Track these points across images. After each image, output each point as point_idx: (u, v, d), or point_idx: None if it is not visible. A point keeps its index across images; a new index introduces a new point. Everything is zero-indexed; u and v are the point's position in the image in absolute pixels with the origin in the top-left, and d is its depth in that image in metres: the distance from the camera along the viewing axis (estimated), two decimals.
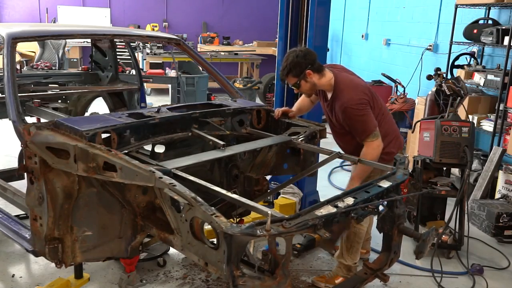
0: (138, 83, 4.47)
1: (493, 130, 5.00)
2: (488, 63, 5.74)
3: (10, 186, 2.96)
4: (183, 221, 1.90)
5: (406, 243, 3.17)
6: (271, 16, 11.28)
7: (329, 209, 1.97)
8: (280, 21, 4.13)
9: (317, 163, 3.05)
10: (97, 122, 2.36)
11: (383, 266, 2.47)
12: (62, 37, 5.10)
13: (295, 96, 4.21)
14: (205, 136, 2.63)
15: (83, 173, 2.14)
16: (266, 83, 9.13)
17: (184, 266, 3.35)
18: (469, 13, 5.86)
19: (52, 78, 4.62)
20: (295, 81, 2.91)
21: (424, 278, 3.38)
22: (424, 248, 2.27)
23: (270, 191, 3.31)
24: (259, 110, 3.08)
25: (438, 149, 3.67)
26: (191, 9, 11.96)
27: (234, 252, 1.75)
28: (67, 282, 2.89)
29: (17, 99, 2.51)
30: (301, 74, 2.88)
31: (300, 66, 2.87)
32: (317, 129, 2.99)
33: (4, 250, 3.47)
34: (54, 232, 2.29)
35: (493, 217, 4.08)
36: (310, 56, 2.92)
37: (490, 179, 4.67)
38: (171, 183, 1.92)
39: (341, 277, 3.09)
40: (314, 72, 2.90)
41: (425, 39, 7.04)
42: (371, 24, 8.71)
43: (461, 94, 3.94)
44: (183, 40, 3.93)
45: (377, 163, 2.74)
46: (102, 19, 11.32)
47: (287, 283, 1.88)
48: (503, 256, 3.79)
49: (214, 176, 2.90)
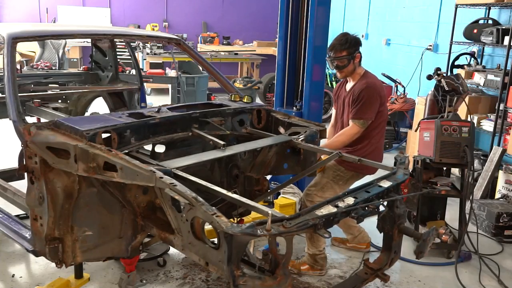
0: (138, 83, 4.47)
1: (493, 130, 5.00)
2: (488, 63, 5.74)
3: (10, 186, 2.96)
4: (183, 221, 1.90)
5: (406, 243, 3.17)
6: (271, 16, 11.29)
7: (330, 209, 1.97)
8: (280, 21, 4.13)
9: (317, 163, 3.05)
10: (97, 122, 2.35)
11: (383, 266, 2.47)
12: (62, 37, 5.10)
13: (295, 96, 4.22)
14: (205, 136, 2.63)
15: (83, 173, 2.14)
16: (266, 83, 9.13)
17: (184, 266, 3.35)
18: (469, 13, 5.86)
19: (52, 78, 4.62)
20: (346, 57, 3.21)
21: None
22: (425, 248, 2.27)
23: (270, 191, 3.31)
24: (259, 110, 3.08)
25: (438, 149, 3.67)
26: (191, 9, 11.96)
27: (235, 251, 1.75)
28: (67, 282, 2.89)
29: (17, 99, 2.51)
30: (354, 53, 3.23)
31: (355, 47, 3.24)
32: (317, 129, 3.00)
33: (4, 250, 3.47)
34: (55, 232, 2.29)
35: (493, 217, 4.08)
36: (360, 42, 3.31)
37: (490, 179, 4.67)
38: (171, 183, 1.92)
39: (307, 265, 3.34)
40: (359, 59, 3.29)
41: (425, 39, 7.04)
42: (371, 24, 8.72)
43: (459, 90, 3.92)
44: (183, 40, 3.93)
45: (377, 163, 2.75)
46: (102, 19, 11.32)
47: (288, 283, 1.88)
48: None
49: (214, 176, 2.90)
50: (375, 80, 3.32)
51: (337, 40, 3.24)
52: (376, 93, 3.21)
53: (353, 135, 3.21)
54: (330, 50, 3.28)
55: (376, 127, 3.28)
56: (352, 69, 3.27)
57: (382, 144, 3.43)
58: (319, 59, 3.98)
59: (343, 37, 3.23)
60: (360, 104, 3.18)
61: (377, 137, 3.33)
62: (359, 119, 3.18)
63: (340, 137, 3.24)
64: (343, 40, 3.22)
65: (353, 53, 3.22)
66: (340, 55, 3.22)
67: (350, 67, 3.26)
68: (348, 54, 3.21)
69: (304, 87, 4.03)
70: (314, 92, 4.02)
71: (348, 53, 3.21)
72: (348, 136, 3.21)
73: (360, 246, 3.68)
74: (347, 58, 3.22)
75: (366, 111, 3.18)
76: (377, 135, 3.32)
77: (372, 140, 3.29)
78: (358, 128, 3.19)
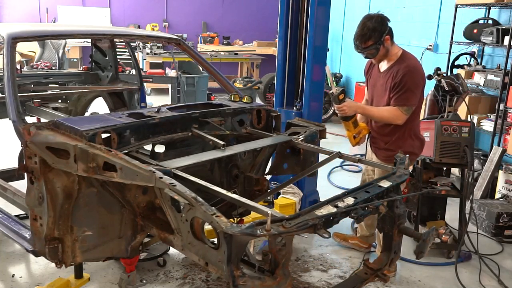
0: (138, 83, 4.47)
1: (493, 130, 5.00)
2: (488, 63, 5.74)
3: (10, 186, 2.95)
4: (183, 221, 1.90)
5: (406, 243, 3.17)
6: (271, 16, 11.29)
7: (329, 209, 1.97)
8: (280, 21, 4.12)
9: (317, 163, 3.05)
10: (97, 122, 2.35)
11: (383, 266, 2.47)
12: (62, 37, 5.09)
13: (295, 96, 4.21)
14: (205, 136, 2.63)
15: (83, 173, 2.13)
16: (266, 83, 9.12)
17: (184, 266, 3.35)
18: (469, 13, 5.86)
19: (52, 78, 4.61)
20: (374, 46, 3.05)
21: None
22: (425, 248, 2.27)
23: (270, 191, 3.30)
24: (259, 110, 3.08)
25: (438, 149, 3.67)
26: (191, 9, 11.96)
27: (234, 252, 1.75)
28: (67, 282, 2.88)
29: (17, 99, 2.51)
30: (381, 39, 3.05)
31: (380, 31, 3.05)
32: (317, 129, 2.99)
33: (4, 250, 3.47)
34: (54, 232, 2.29)
35: (493, 217, 4.08)
36: (386, 21, 3.10)
37: (490, 179, 4.67)
38: (171, 183, 1.92)
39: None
40: (390, 38, 3.10)
41: (425, 39, 7.04)
42: None
43: (459, 90, 3.92)
44: (183, 40, 3.93)
45: (377, 163, 2.75)
46: (102, 19, 11.32)
47: (288, 283, 1.87)
48: None
49: (214, 176, 2.90)
50: (416, 62, 3.16)
51: (360, 30, 3.08)
52: (420, 77, 3.09)
53: (395, 118, 3.09)
54: (356, 40, 3.13)
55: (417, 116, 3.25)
56: (384, 52, 3.12)
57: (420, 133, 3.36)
58: (319, 59, 3.97)
59: (364, 27, 3.06)
60: (404, 89, 3.04)
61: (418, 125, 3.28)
62: (403, 106, 3.06)
63: (384, 112, 3.12)
64: (365, 30, 3.06)
65: (380, 38, 3.05)
66: (366, 46, 3.09)
67: (382, 52, 3.11)
68: (375, 43, 3.06)
69: (304, 87, 4.03)
70: (314, 92, 4.02)
71: (374, 41, 3.06)
72: (393, 118, 3.09)
73: (362, 245, 3.68)
74: (374, 48, 3.08)
75: (410, 98, 3.05)
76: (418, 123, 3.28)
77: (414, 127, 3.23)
78: (402, 114, 3.08)
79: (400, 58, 3.14)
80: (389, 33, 3.09)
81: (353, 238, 3.77)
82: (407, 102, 3.06)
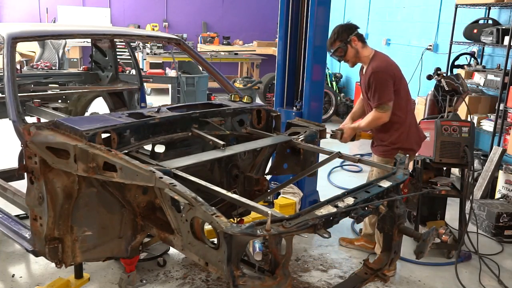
0: (138, 83, 4.47)
1: (493, 130, 5.00)
2: (488, 63, 5.74)
3: (10, 186, 2.95)
4: (183, 221, 1.90)
5: (406, 243, 3.17)
6: (271, 16, 11.29)
7: (329, 209, 1.97)
8: (280, 21, 4.12)
9: (317, 163, 3.05)
10: (97, 122, 2.35)
11: (383, 266, 2.47)
12: (62, 37, 5.09)
13: (295, 96, 4.21)
14: (205, 136, 2.63)
15: (83, 173, 2.13)
16: (266, 83, 9.13)
17: (184, 266, 3.35)
18: (469, 13, 5.86)
19: (52, 78, 4.61)
20: (341, 46, 3.27)
21: None
22: (425, 248, 2.26)
23: (270, 191, 3.30)
24: (259, 110, 3.08)
25: (438, 149, 3.67)
26: (191, 9, 11.96)
27: (234, 252, 1.75)
28: (67, 282, 2.88)
29: (17, 99, 2.51)
30: (347, 39, 3.26)
31: (346, 33, 3.28)
32: (317, 129, 2.99)
33: (4, 250, 3.47)
34: (54, 232, 2.29)
35: (493, 217, 4.08)
36: (353, 26, 3.35)
37: (490, 179, 4.67)
38: (171, 183, 1.92)
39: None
40: (358, 40, 3.29)
41: (425, 39, 7.04)
42: (371, 24, 8.72)
43: (460, 90, 3.92)
44: (183, 40, 3.93)
45: (377, 163, 2.75)
46: (102, 19, 11.32)
47: (288, 283, 1.87)
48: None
49: (214, 176, 2.90)
50: (382, 62, 3.30)
51: (329, 39, 3.36)
52: (386, 74, 3.23)
53: (378, 119, 3.27)
54: (327, 45, 3.40)
55: (400, 108, 3.31)
56: (354, 53, 3.31)
57: (415, 123, 3.48)
58: (319, 59, 3.98)
59: (332, 32, 3.33)
60: (373, 90, 3.23)
61: (405, 117, 3.35)
62: (378, 106, 3.24)
63: (369, 119, 3.32)
64: (332, 33, 3.32)
65: (347, 39, 3.27)
66: (335, 47, 3.31)
67: (351, 53, 3.31)
68: (341, 42, 3.27)
69: (304, 87, 4.03)
70: (314, 92, 4.02)
71: (340, 41, 3.28)
72: (374, 120, 3.29)
73: (368, 245, 3.68)
74: (341, 48, 3.28)
75: (381, 96, 3.21)
76: (404, 115, 3.35)
77: (400, 121, 3.32)
78: (380, 113, 3.24)
79: (371, 60, 3.31)
80: (357, 35, 3.29)
81: (359, 240, 3.77)
82: (380, 100, 3.23)
